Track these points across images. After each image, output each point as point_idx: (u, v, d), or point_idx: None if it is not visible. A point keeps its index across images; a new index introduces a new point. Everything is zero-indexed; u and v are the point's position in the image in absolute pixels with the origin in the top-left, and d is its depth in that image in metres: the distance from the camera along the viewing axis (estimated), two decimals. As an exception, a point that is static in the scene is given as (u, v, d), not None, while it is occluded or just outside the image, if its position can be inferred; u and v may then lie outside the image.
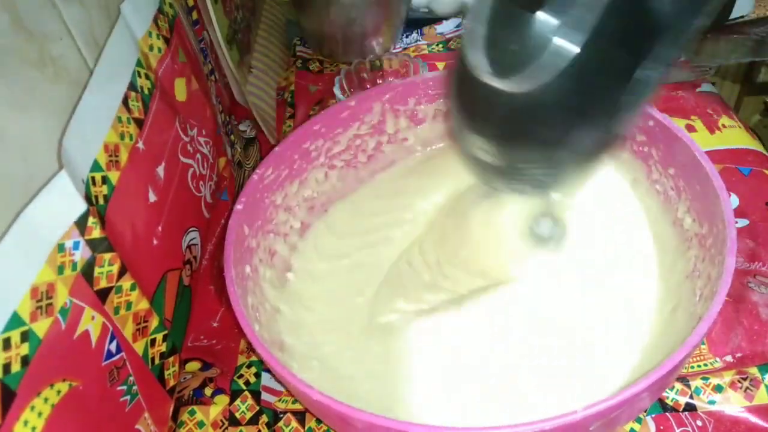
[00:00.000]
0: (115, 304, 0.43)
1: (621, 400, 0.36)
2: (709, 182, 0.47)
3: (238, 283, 0.48)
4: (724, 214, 0.44)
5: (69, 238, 0.38)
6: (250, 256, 0.54)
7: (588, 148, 0.39)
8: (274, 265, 0.58)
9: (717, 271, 0.42)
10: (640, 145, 0.56)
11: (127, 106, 0.48)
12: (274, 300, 0.55)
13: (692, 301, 0.47)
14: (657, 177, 0.56)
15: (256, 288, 0.53)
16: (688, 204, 0.52)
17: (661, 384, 0.39)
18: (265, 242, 0.57)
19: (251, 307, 0.50)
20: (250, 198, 0.54)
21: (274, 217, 0.58)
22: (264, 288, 0.55)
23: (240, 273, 0.50)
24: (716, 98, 0.77)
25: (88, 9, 0.48)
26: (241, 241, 0.52)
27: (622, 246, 0.55)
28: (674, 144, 0.52)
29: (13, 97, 0.39)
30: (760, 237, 0.61)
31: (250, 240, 0.54)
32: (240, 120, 0.82)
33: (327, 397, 0.39)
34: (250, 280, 0.53)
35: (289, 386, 0.44)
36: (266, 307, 0.53)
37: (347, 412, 0.38)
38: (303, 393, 0.41)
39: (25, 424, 0.33)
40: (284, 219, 0.60)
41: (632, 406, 0.40)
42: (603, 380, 0.47)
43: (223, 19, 0.73)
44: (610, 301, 0.52)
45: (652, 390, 0.38)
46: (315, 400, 0.40)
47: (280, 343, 0.53)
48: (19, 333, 0.33)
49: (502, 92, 0.34)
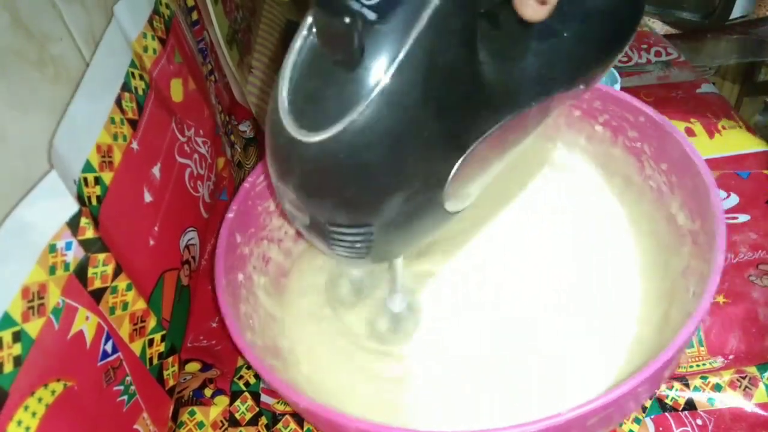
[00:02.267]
0: (111, 305, 0.43)
1: (604, 402, 0.36)
2: (699, 177, 0.47)
3: (230, 291, 0.48)
4: (713, 208, 0.44)
5: (61, 238, 0.38)
6: (243, 263, 0.53)
7: (401, 216, 0.36)
8: (268, 272, 0.57)
9: (708, 269, 0.42)
10: (632, 141, 0.56)
11: (121, 107, 0.48)
12: (269, 306, 0.55)
13: (686, 299, 0.46)
14: (650, 173, 0.55)
15: (249, 296, 0.53)
16: (681, 200, 0.51)
17: (649, 386, 0.39)
18: (259, 249, 0.56)
19: (244, 314, 0.50)
20: (242, 206, 0.54)
21: (267, 224, 0.58)
22: (258, 295, 0.54)
23: (232, 281, 0.50)
24: (716, 99, 0.77)
25: (88, 9, 0.48)
26: (232, 249, 0.52)
27: (614, 245, 0.56)
28: (666, 139, 0.52)
29: (13, 97, 0.39)
30: (762, 230, 0.61)
31: (243, 248, 0.54)
32: (240, 120, 0.82)
33: (315, 404, 0.39)
34: (243, 287, 0.52)
35: (279, 393, 0.44)
36: (260, 313, 0.53)
37: (337, 419, 0.38)
38: (292, 401, 0.41)
39: (19, 424, 0.33)
40: (278, 225, 0.59)
41: (617, 410, 0.40)
42: (594, 383, 0.47)
43: (223, 20, 0.73)
44: (603, 300, 0.52)
45: (639, 392, 0.38)
46: (303, 408, 0.40)
47: (275, 349, 0.52)
48: (11, 333, 0.33)
49: (303, 143, 0.33)
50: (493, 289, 0.54)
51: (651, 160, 0.55)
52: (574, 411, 0.36)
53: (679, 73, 0.81)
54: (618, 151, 0.58)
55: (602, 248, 0.56)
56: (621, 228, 0.57)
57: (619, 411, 0.42)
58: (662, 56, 0.85)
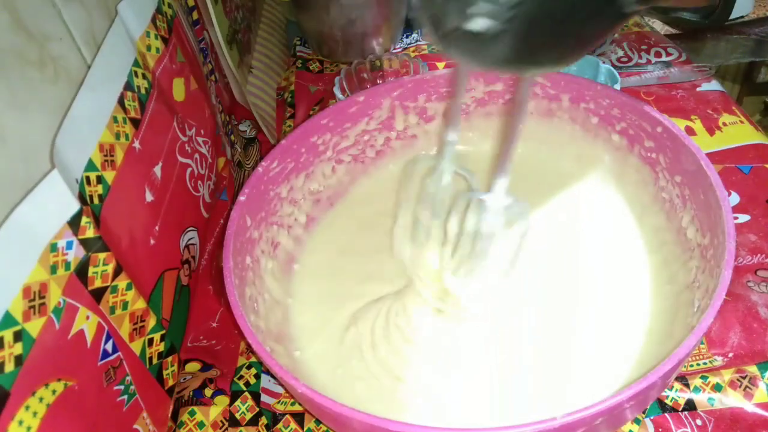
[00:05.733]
0: (111, 304, 0.43)
1: (601, 409, 0.36)
2: (712, 192, 0.47)
3: (236, 273, 0.48)
4: (725, 225, 0.44)
5: (62, 237, 0.38)
6: (251, 246, 0.54)
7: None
8: (276, 256, 0.58)
9: (714, 284, 0.42)
10: (648, 151, 0.56)
11: (123, 106, 0.48)
12: (275, 291, 0.55)
13: (690, 312, 0.46)
14: (664, 184, 0.55)
15: (256, 279, 0.53)
16: (693, 213, 0.51)
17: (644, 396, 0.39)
18: (268, 234, 0.57)
19: (249, 297, 0.50)
20: (254, 189, 0.54)
21: (278, 209, 0.58)
22: (265, 279, 0.54)
23: (240, 263, 0.50)
24: (717, 95, 0.77)
25: (88, 9, 0.48)
26: (242, 231, 0.52)
27: (623, 255, 0.56)
28: (681, 151, 0.52)
29: (13, 97, 0.39)
30: (762, 231, 0.61)
31: (252, 231, 0.54)
32: (240, 120, 0.82)
33: (311, 390, 0.39)
34: (250, 270, 0.52)
35: (277, 378, 0.44)
36: (266, 297, 0.53)
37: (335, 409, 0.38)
38: (290, 385, 0.41)
39: (20, 424, 0.33)
40: (289, 211, 0.60)
41: (614, 417, 0.40)
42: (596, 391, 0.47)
43: (224, 19, 0.73)
44: (608, 308, 0.52)
45: (637, 400, 0.38)
46: (300, 393, 0.40)
47: (278, 335, 0.52)
48: (12, 332, 0.33)
49: None
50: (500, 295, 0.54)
51: (665, 172, 0.55)
52: (554, 420, 0.36)
53: (679, 73, 0.82)
54: (633, 160, 0.58)
55: (611, 258, 0.56)
56: (631, 238, 0.57)
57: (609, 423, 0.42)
58: (662, 56, 0.85)
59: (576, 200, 0.61)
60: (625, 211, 0.59)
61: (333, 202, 0.65)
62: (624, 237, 0.57)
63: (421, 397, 0.49)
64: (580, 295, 0.53)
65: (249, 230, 0.53)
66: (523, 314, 0.53)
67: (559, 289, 0.54)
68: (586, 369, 0.49)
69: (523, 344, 0.51)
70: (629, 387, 0.36)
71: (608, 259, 0.55)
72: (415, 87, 0.64)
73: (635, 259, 0.55)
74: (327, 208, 0.64)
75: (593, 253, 0.56)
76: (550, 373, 0.49)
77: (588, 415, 0.36)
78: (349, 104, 0.62)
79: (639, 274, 0.54)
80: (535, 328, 0.51)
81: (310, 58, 0.95)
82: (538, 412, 0.37)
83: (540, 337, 0.51)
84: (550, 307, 0.53)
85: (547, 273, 0.55)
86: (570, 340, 0.50)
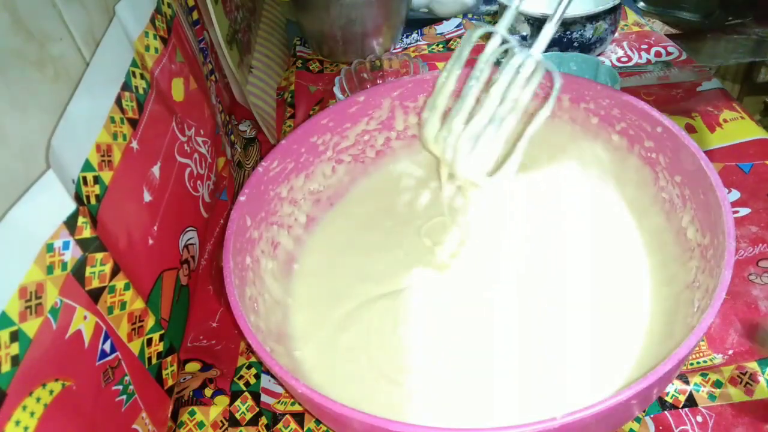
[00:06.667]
0: (109, 304, 0.43)
1: (601, 409, 0.36)
2: (712, 192, 0.47)
3: (236, 273, 0.48)
4: (725, 225, 0.44)
5: (58, 237, 0.38)
6: (251, 247, 0.54)
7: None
8: (276, 256, 0.58)
9: (714, 283, 0.42)
10: (648, 151, 0.56)
11: (121, 106, 0.48)
12: (275, 291, 0.55)
13: (690, 312, 0.46)
14: (664, 184, 0.55)
15: (256, 279, 0.53)
16: (693, 213, 0.51)
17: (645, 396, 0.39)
18: (268, 234, 0.57)
19: (249, 297, 0.50)
20: (254, 189, 0.54)
21: (278, 209, 0.58)
22: (265, 279, 0.54)
23: (240, 263, 0.50)
24: (718, 93, 0.77)
25: (88, 9, 0.48)
26: (242, 232, 0.52)
27: (624, 255, 0.56)
28: (681, 151, 0.52)
29: (13, 97, 0.39)
30: (763, 222, 0.61)
31: (252, 231, 0.54)
32: (240, 120, 0.82)
33: (311, 390, 0.39)
34: (250, 270, 0.52)
35: (277, 378, 0.44)
36: (266, 297, 0.53)
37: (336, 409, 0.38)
38: (290, 386, 0.41)
39: (17, 424, 0.33)
40: (289, 211, 0.60)
41: (614, 417, 0.40)
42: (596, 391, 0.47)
43: (224, 19, 0.73)
44: (607, 308, 0.52)
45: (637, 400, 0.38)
46: (300, 393, 0.40)
47: (278, 335, 0.52)
48: (8, 333, 0.33)
49: None
50: (500, 295, 0.54)
51: (665, 172, 0.55)
52: (553, 420, 0.36)
53: (679, 73, 0.82)
54: (633, 160, 0.58)
55: (611, 258, 0.55)
56: (631, 239, 0.57)
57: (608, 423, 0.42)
58: (662, 56, 0.85)
59: (576, 200, 0.60)
60: (625, 212, 0.59)
61: (333, 202, 0.65)
62: (624, 237, 0.57)
63: (422, 397, 0.49)
64: (580, 296, 0.53)
65: (249, 230, 0.53)
66: (523, 314, 0.52)
67: (559, 289, 0.54)
68: (587, 369, 0.48)
69: (523, 345, 0.50)
70: (629, 387, 0.36)
71: (608, 259, 0.55)
72: (415, 87, 0.64)
73: (635, 259, 0.55)
74: (327, 208, 0.64)
75: (593, 253, 0.56)
76: (550, 373, 0.49)
77: (588, 416, 0.36)
78: (349, 104, 0.62)
79: (639, 274, 0.54)
80: (534, 328, 0.51)
81: (310, 58, 0.95)
82: (538, 412, 0.37)
83: (539, 337, 0.51)
84: (549, 307, 0.53)
85: (545, 273, 0.55)
86: (570, 340, 0.50)
